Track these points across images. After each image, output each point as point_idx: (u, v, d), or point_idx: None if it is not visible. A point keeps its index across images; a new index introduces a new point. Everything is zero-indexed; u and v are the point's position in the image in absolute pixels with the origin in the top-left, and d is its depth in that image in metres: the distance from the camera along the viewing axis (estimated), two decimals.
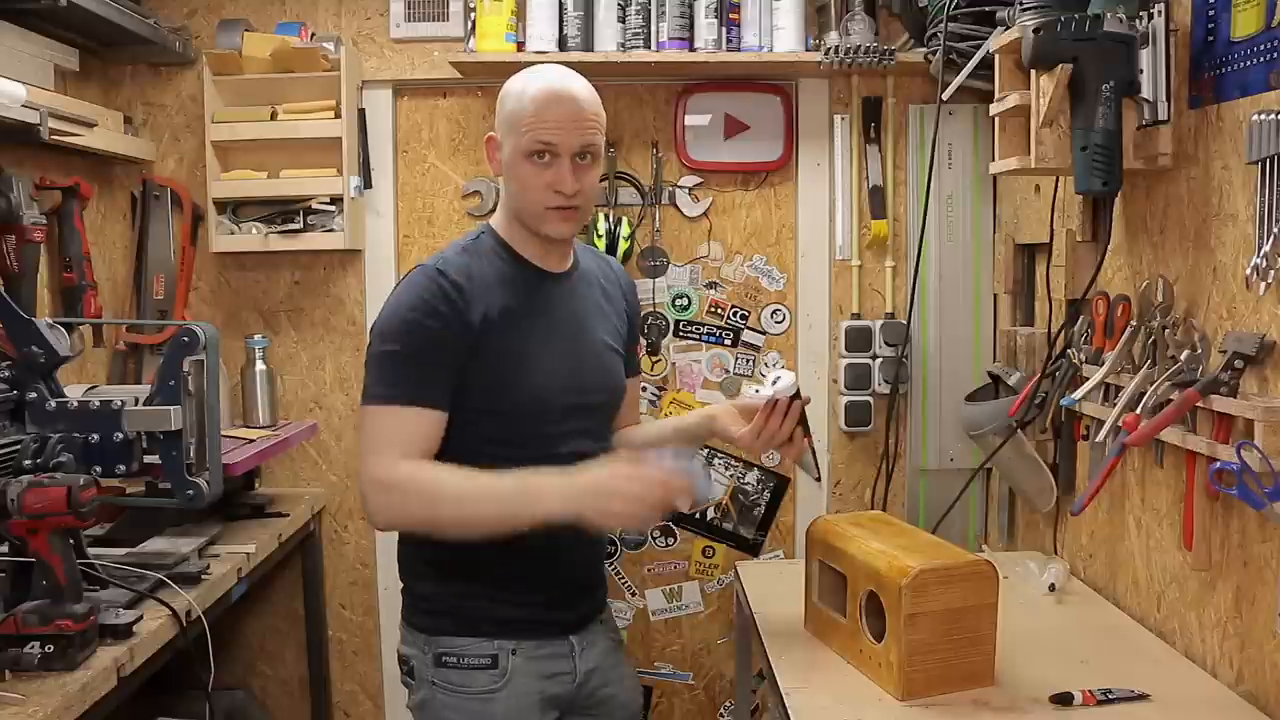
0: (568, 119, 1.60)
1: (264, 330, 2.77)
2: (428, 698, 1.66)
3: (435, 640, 1.66)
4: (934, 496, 2.77)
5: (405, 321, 1.57)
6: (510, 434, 1.61)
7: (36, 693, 1.45)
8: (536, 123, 1.58)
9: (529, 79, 1.63)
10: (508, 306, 1.61)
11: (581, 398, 1.68)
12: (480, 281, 1.61)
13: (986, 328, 2.76)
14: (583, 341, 1.71)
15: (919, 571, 1.52)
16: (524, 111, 1.60)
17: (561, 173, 1.59)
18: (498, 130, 1.66)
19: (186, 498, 1.84)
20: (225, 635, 2.77)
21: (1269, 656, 1.54)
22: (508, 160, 1.63)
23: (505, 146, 1.63)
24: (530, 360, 1.62)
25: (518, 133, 1.60)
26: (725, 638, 2.85)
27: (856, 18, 2.57)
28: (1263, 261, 1.46)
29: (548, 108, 1.59)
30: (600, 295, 1.78)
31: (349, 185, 2.64)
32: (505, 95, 1.65)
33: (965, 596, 1.56)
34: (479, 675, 1.63)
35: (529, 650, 1.65)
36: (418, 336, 1.56)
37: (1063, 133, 1.72)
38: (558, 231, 1.64)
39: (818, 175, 2.77)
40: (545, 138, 1.58)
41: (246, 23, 2.67)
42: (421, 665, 1.67)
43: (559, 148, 1.59)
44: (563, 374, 1.65)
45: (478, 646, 1.64)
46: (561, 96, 1.60)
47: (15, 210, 2.12)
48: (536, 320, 1.64)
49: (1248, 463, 1.45)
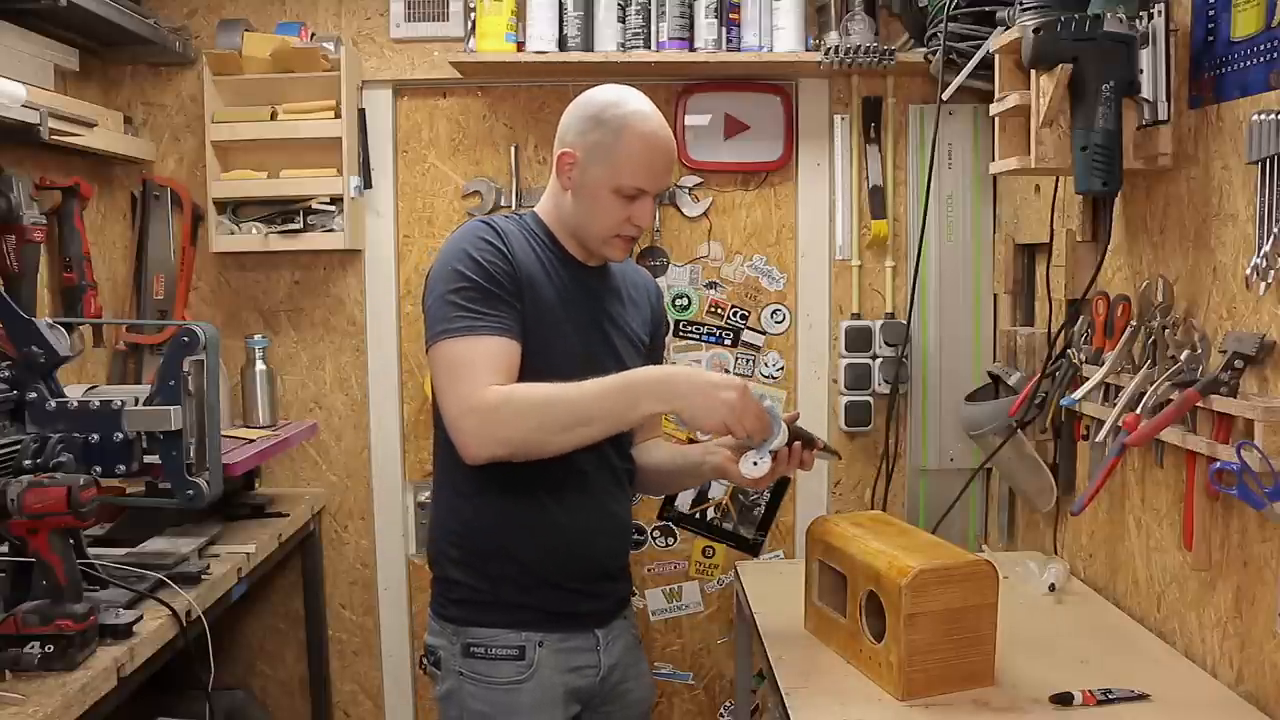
0: (667, 167, 1.69)
1: (264, 330, 2.77)
2: (454, 687, 1.68)
3: (463, 630, 1.67)
4: (934, 496, 2.77)
5: (470, 259, 1.59)
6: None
7: (36, 693, 1.45)
8: (641, 169, 1.64)
9: (632, 118, 1.65)
10: (541, 282, 1.65)
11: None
12: (521, 246, 1.66)
13: (986, 328, 2.76)
14: (613, 334, 1.74)
15: (919, 571, 1.53)
16: (629, 152, 1.63)
17: (644, 211, 1.67)
18: (577, 149, 1.66)
19: (186, 498, 1.84)
20: (225, 635, 2.77)
21: (1269, 656, 1.54)
22: (589, 185, 1.66)
23: (589, 171, 1.65)
24: (559, 328, 1.65)
25: (613, 167, 1.63)
26: (725, 638, 2.85)
27: (856, 18, 2.57)
28: (1263, 261, 1.46)
29: (655, 156, 1.65)
30: (626, 298, 1.81)
31: (349, 185, 2.64)
32: (600, 122, 1.65)
33: (965, 596, 1.57)
34: (505, 666, 1.65)
35: (555, 643, 1.67)
36: (484, 271, 1.59)
37: (1063, 133, 1.72)
38: (618, 257, 1.73)
39: (818, 175, 2.77)
40: (645, 185, 1.65)
41: (246, 23, 2.67)
42: (449, 655, 1.68)
43: (651, 191, 1.66)
44: (583, 351, 1.67)
45: (505, 637, 1.65)
46: (666, 146, 1.67)
47: (15, 210, 2.12)
48: (569, 307, 1.68)
49: (1248, 463, 1.45)
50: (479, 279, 1.58)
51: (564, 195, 1.70)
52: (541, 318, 1.63)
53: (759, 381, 2.82)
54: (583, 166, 1.66)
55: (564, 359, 1.64)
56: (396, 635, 2.87)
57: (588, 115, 1.67)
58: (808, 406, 2.81)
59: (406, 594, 2.86)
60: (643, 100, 1.69)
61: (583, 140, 1.66)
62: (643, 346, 1.82)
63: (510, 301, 1.60)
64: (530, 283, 1.63)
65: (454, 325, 1.56)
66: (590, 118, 1.67)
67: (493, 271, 1.59)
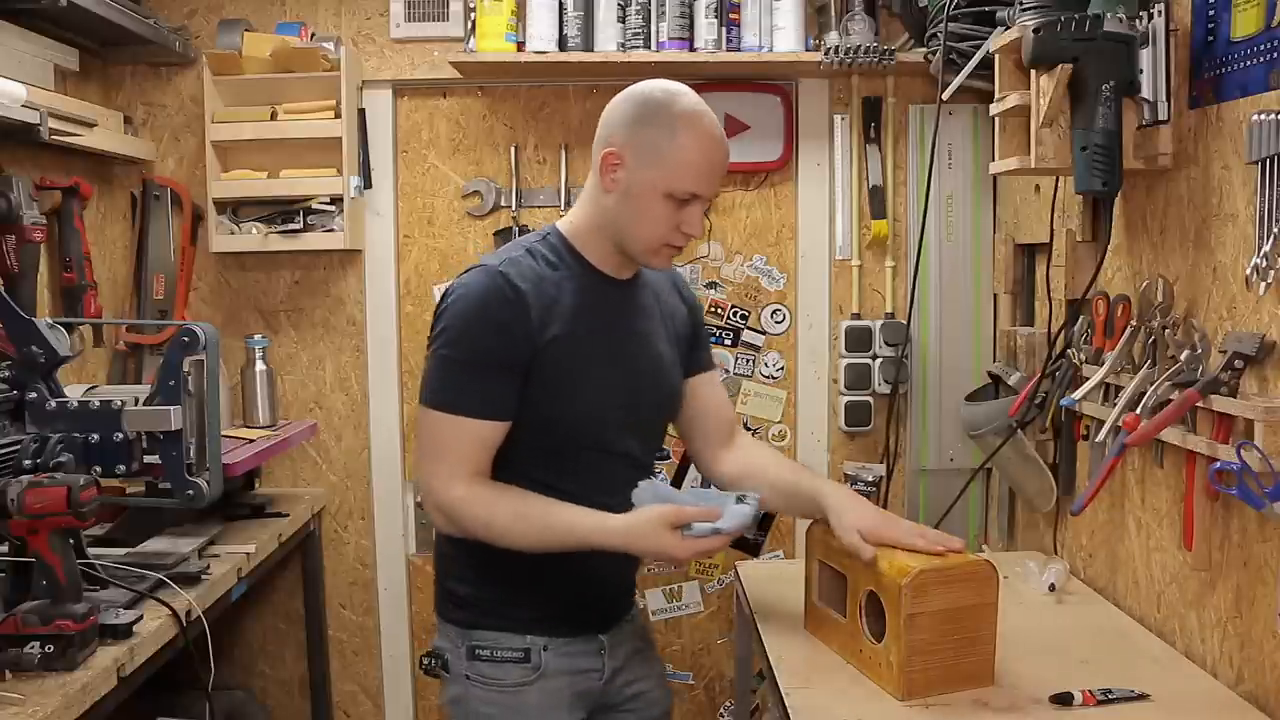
0: (722, 170, 1.60)
1: (264, 330, 2.77)
2: (461, 692, 1.67)
3: (469, 633, 1.67)
4: (934, 496, 2.77)
5: (469, 330, 1.56)
6: (562, 444, 1.62)
7: (36, 693, 1.45)
8: (696, 173, 1.55)
9: (687, 116, 1.56)
10: (569, 319, 1.59)
11: (634, 414, 1.68)
12: (543, 290, 1.58)
13: (986, 328, 2.76)
14: (642, 352, 1.69)
15: (919, 572, 1.52)
16: (682, 154, 1.54)
17: (696, 218, 1.58)
18: (625, 149, 1.56)
19: (186, 498, 1.84)
20: (225, 635, 2.77)
21: (1269, 656, 1.54)
22: (637, 188, 1.56)
23: (637, 174, 1.56)
24: (588, 379, 1.61)
25: (665, 170, 1.54)
26: (725, 638, 2.85)
27: (856, 18, 2.57)
28: (1263, 261, 1.46)
29: (712, 157, 1.57)
30: (657, 299, 1.76)
31: (349, 185, 2.64)
32: (652, 119, 1.56)
33: (965, 596, 1.56)
34: (512, 669, 1.64)
35: (560, 646, 1.66)
36: (482, 345, 1.55)
37: (1063, 133, 1.72)
38: (664, 265, 1.66)
39: (818, 175, 2.77)
40: (699, 189, 1.56)
41: (246, 23, 2.68)
42: (455, 659, 1.68)
43: (705, 195, 1.58)
44: (619, 392, 1.64)
45: (510, 640, 1.65)
46: (723, 147, 1.59)
47: (15, 210, 2.12)
48: (598, 334, 1.62)
49: (1248, 463, 1.45)
50: (474, 355, 1.55)
51: (606, 198, 1.60)
52: (571, 366, 1.59)
53: (759, 381, 2.82)
54: (630, 168, 1.56)
55: (599, 393, 1.62)
56: (396, 635, 2.87)
57: (637, 112, 1.57)
58: (808, 406, 2.81)
59: (406, 594, 2.86)
60: (696, 98, 1.60)
61: (632, 139, 1.56)
62: (680, 356, 1.77)
63: (510, 376, 1.56)
64: (559, 333, 1.57)
65: (441, 397, 1.57)
66: (640, 114, 1.57)
67: (497, 346, 1.55)
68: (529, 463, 1.61)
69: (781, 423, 2.84)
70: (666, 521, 1.51)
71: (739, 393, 2.81)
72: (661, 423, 1.80)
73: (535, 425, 1.59)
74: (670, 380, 1.76)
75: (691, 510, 1.53)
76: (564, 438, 1.62)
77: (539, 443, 1.61)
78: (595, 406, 1.62)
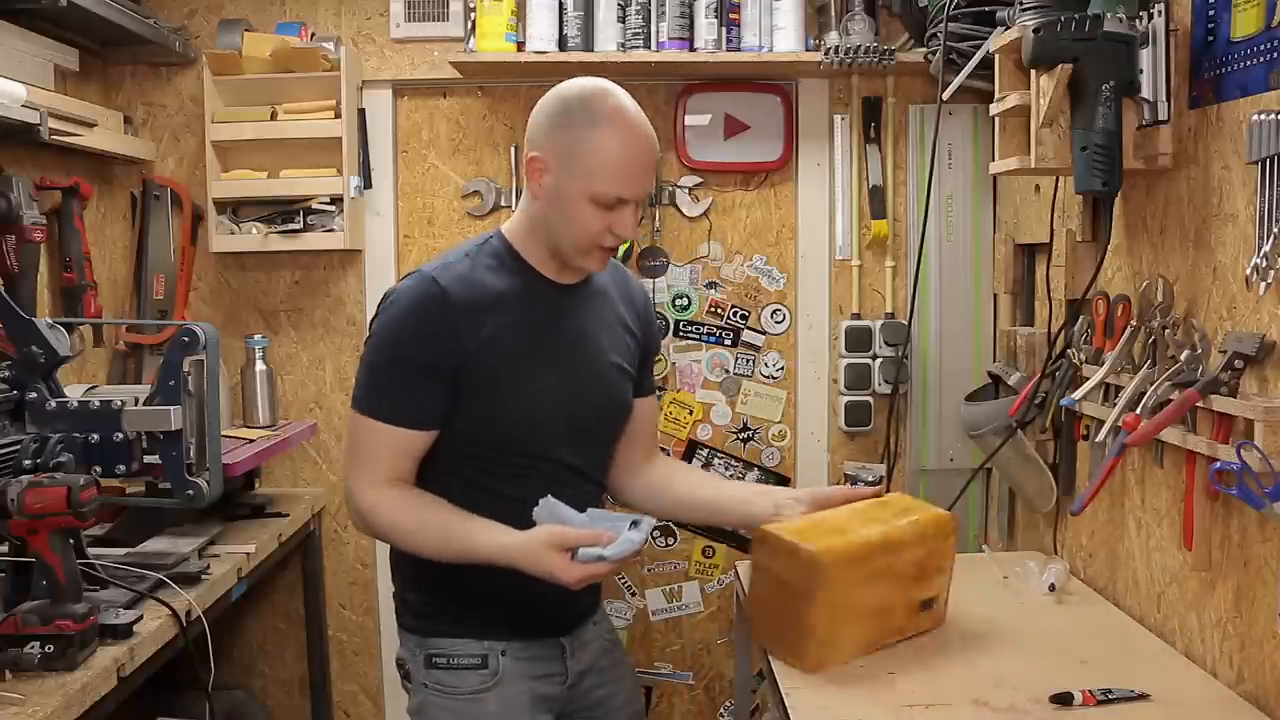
0: (647, 171, 1.55)
1: (264, 330, 2.77)
2: (422, 701, 1.67)
3: (425, 642, 1.67)
4: (934, 496, 2.75)
5: (396, 337, 1.55)
6: (498, 448, 1.60)
7: (36, 693, 1.45)
8: (618, 177, 1.50)
9: (605, 115, 1.50)
10: (506, 323, 1.56)
11: (575, 421, 1.64)
12: (480, 295, 1.56)
13: (986, 328, 2.76)
14: (585, 360, 1.65)
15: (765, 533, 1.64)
16: (602, 157, 1.49)
17: (626, 220, 1.54)
18: (545, 154, 1.52)
19: (186, 498, 1.84)
20: (225, 635, 2.77)
21: (1269, 656, 1.54)
22: (561, 194, 1.52)
23: (560, 180, 1.52)
24: (523, 383, 1.58)
25: (587, 177, 1.50)
26: (725, 638, 2.85)
27: (856, 18, 2.57)
28: (1263, 261, 1.46)
29: (632, 160, 1.51)
30: (611, 310, 1.71)
31: (349, 185, 2.64)
32: (567, 122, 1.51)
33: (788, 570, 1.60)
34: (469, 675, 1.63)
35: (517, 650, 1.64)
36: (405, 354, 1.54)
37: (1063, 133, 1.72)
38: (598, 268, 1.62)
39: (818, 175, 2.77)
40: (624, 193, 1.51)
41: (246, 23, 2.67)
42: (415, 668, 1.67)
43: (631, 198, 1.53)
44: (557, 396, 1.61)
45: (467, 647, 1.64)
46: (646, 145, 1.53)
47: (15, 210, 2.12)
48: (537, 338, 1.60)
49: (1248, 463, 1.45)
50: (398, 362, 1.55)
51: (534, 203, 1.57)
52: (507, 370, 1.56)
53: (759, 381, 2.82)
54: (554, 172, 1.52)
55: (534, 398, 1.59)
56: (396, 635, 2.86)
57: (556, 113, 1.52)
58: (808, 406, 2.81)
59: None
60: (618, 95, 1.54)
61: (551, 142, 1.52)
62: (630, 365, 1.73)
63: (436, 382, 1.54)
64: (493, 337, 1.55)
65: (365, 403, 1.58)
66: (559, 116, 1.52)
67: (418, 356, 1.53)
68: (465, 465, 1.60)
69: (781, 423, 2.84)
70: (554, 543, 1.48)
71: (739, 393, 2.81)
72: (606, 433, 1.74)
73: (468, 430, 1.58)
74: (617, 391, 1.71)
75: (575, 534, 1.49)
76: (498, 442, 1.59)
77: (472, 447, 1.59)
78: (529, 410, 1.59)
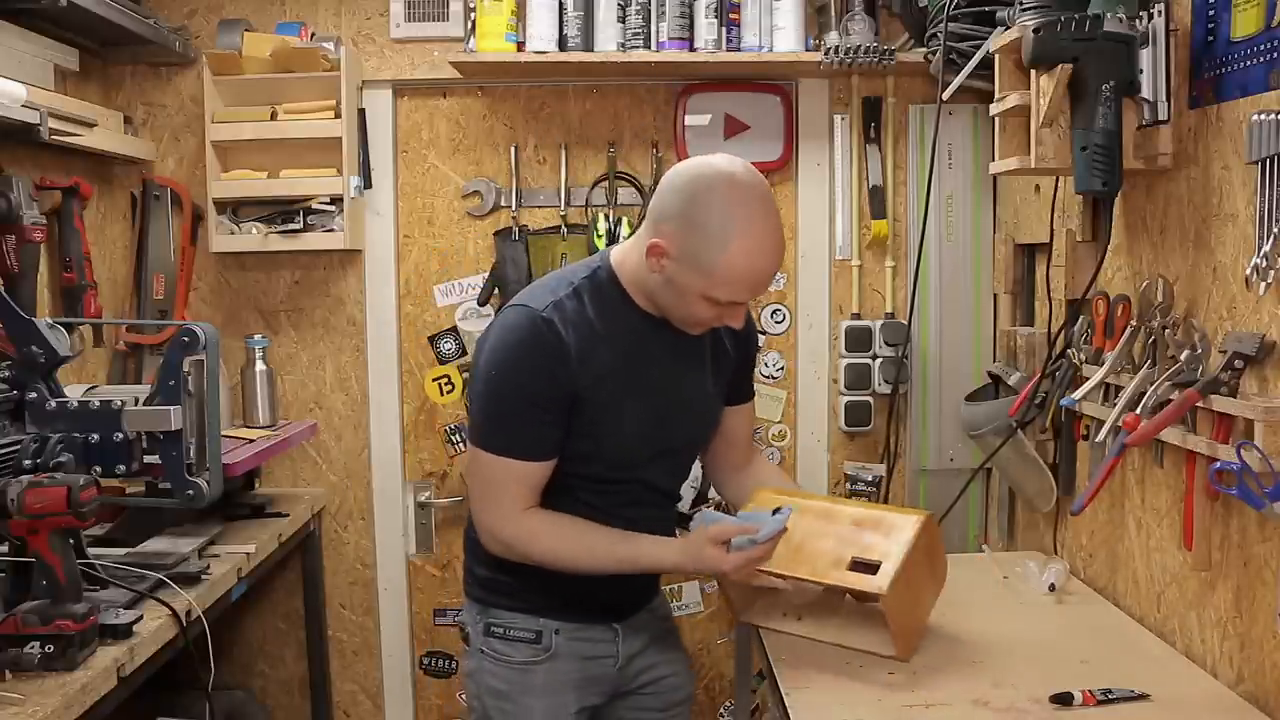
0: (768, 280, 1.60)
1: (264, 330, 2.77)
2: (477, 665, 1.76)
3: (487, 611, 1.75)
4: (934, 496, 2.77)
5: (517, 378, 1.61)
6: (598, 470, 1.69)
7: (36, 693, 1.45)
8: (740, 289, 1.56)
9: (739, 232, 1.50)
10: (611, 358, 1.63)
11: (667, 444, 1.74)
12: (590, 332, 1.62)
13: (986, 328, 2.76)
14: (680, 392, 1.73)
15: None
16: (729, 274, 1.52)
17: (738, 315, 1.64)
18: (670, 246, 1.53)
19: (186, 498, 1.84)
20: (225, 635, 2.77)
21: (1269, 656, 1.54)
22: (678, 285, 1.56)
23: (681, 272, 1.54)
24: (620, 414, 1.66)
25: (709, 279, 1.53)
26: (725, 638, 2.85)
27: (856, 18, 2.57)
28: (1263, 261, 1.46)
29: (757, 275, 1.56)
30: (707, 341, 1.75)
31: (349, 185, 2.63)
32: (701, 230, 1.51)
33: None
34: (522, 647, 1.72)
35: (571, 631, 1.73)
36: (528, 393, 1.61)
37: (1063, 133, 1.72)
38: (697, 334, 1.69)
39: (818, 175, 2.77)
40: (741, 299, 1.59)
41: (246, 23, 2.67)
42: (474, 633, 1.77)
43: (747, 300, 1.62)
44: (651, 426, 1.69)
45: (524, 621, 1.73)
46: (771, 261, 1.56)
47: (15, 210, 2.12)
48: (636, 370, 1.66)
49: (1248, 463, 1.45)
50: (520, 401, 1.62)
51: (648, 271, 1.59)
52: (610, 402, 1.64)
53: (759, 381, 2.81)
54: (676, 262, 1.55)
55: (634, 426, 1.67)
56: (396, 635, 2.87)
57: (690, 214, 1.52)
58: (808, 406, 2.81)
59: (406, 594, 2.86)
60: (756, 200, 1.53)
61: (678, 241, 1.53)
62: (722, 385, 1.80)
63: (555, 416, 1.62)
64: (600, 374, 1.61)
65: (492, 441, 1.64)
66: (693, 213, 1.52)
67: (540, 390, 1.60)
68: (576, 487, 1.69)
69: (781, 423, 2.84)
70: (709, 539, 1.63)
71: None
72: (693, 453, 1.88)
73: (577, 456, 1.66)
74: (708, 413, 1.83)
75: (729, 527, 1.65)
76: (602, 467, 1.69)
77: (581, 470, 1.68)
78: (628, 438, 1.68)
